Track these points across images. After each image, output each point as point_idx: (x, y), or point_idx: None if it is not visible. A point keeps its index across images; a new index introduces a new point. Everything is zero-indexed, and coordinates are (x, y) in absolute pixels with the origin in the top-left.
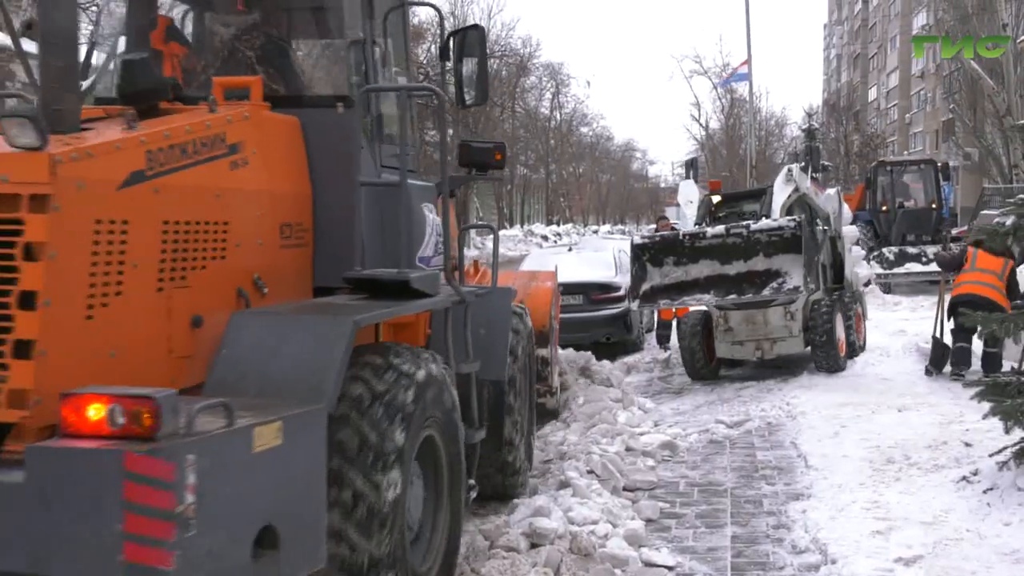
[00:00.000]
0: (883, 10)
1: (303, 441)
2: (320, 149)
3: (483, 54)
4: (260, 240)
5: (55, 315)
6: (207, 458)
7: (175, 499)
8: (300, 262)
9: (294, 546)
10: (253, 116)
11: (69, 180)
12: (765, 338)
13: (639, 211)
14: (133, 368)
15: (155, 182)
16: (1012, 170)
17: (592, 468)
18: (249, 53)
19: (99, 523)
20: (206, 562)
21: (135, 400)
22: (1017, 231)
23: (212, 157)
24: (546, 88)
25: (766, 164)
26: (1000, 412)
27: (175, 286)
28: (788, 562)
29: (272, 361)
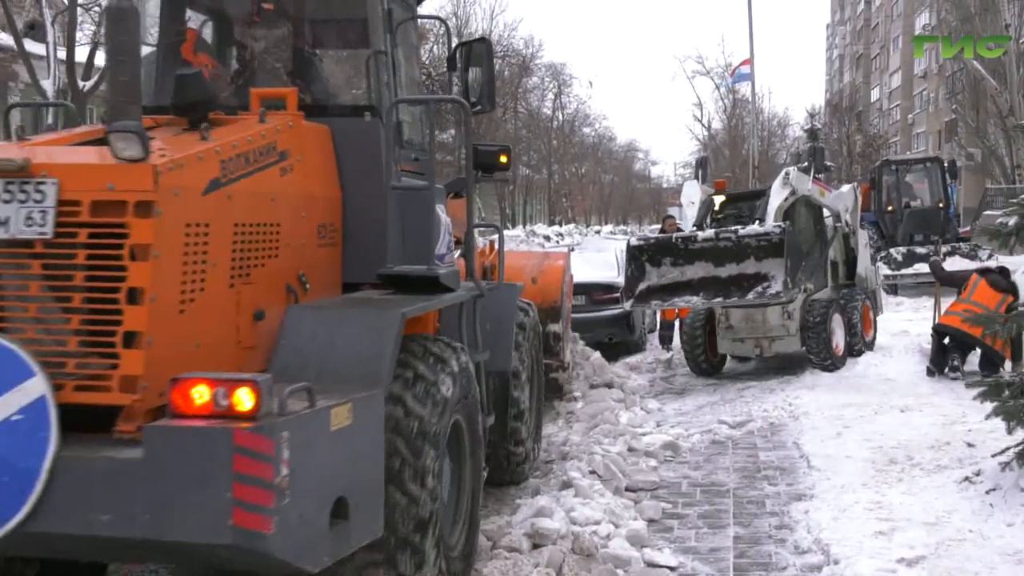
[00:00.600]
0: (885, 10)
1: (368, 421)
2: (348, 155)
3: (490, 65)
4: (303, 240)
5: (158, 309)
6: (297, 435)
7: (274, 471)
8: (333, 260)
9: (361, 516)
10: (296, 125)
11: (168, 188)
12: (764, 336)
13: (641, 212)
14: (212, 357)
15: (228, 189)
16: (1015, 170)
17: (594, 468)
18: (278, 65)
19: (212, 491)
20: (296, 528)
21: (238, 383)
22: (1020, 231)
23: (267, 164)
24: (548, 88)
25: (768, 164)
26: (1003, 412)
27: (242, 283)
28: (790, 563)
29: (329, 350)
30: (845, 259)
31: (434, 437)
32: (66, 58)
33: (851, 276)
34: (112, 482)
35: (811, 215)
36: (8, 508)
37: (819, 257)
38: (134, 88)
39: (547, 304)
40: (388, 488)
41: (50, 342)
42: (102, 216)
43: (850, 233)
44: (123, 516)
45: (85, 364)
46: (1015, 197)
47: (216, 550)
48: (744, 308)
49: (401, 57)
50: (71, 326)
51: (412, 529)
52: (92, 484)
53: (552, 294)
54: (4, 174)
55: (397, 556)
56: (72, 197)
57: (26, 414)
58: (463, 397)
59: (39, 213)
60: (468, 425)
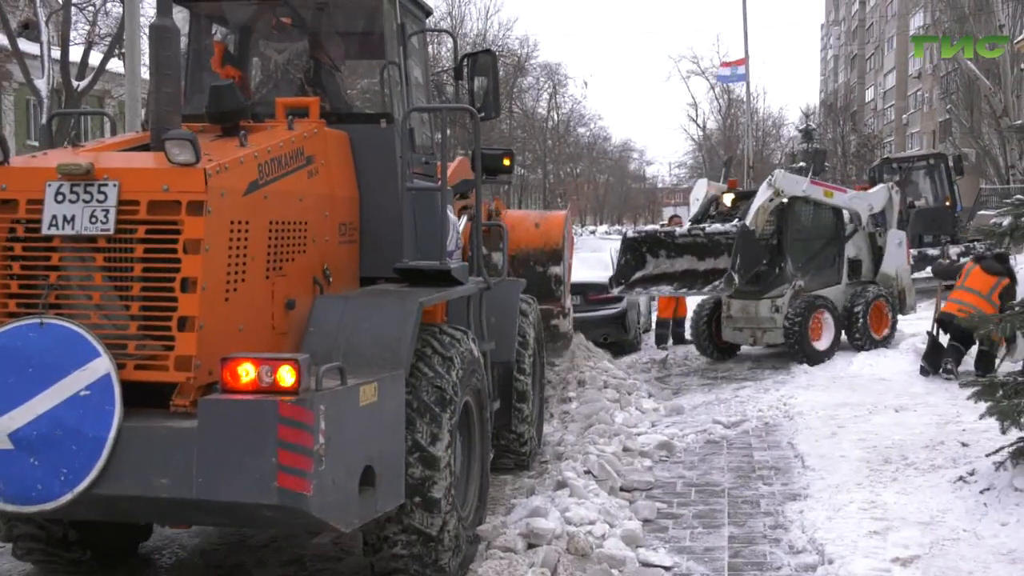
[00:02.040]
0: (880, 11)
1: (391, 398)
2: (365, 159)
3: (495, 75)
4: (327, 237)
5: (208, 296)
6: (332, 408)
7: (313, 439)
8: (352, 255)
9: (386, 484)
10: (320, 131)
11: (216, 189)
12: (757, 327)
13: (636, 211)
14: (252, 341)
15: (264, 190)
16: (1009, 170)
17: (589, 468)
18: (299, 75)
19: (260, 456)
20: (330, 491)
21: (281, 362)
22: (1014, 232)
23: (297, 167)
24: (543, 88)
25: (763, 164)
26: (997, 412)
27: (276, 275)
28: (785, 562)
29: (354, 335)
30: (873, 258)
31: (451, 404)
32: (60, 57)
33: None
34: (170, 449)
35: (823, 215)
36: (78, 473)
37: (830, 255)
38: (175, 99)
39: (549, 247)
40: (411, 453)
41: (112, 327)
42: (158, 214)
43: (877, 233)
44: (180, 479)
45: (144, 346)
46: (1009, 197)
47: (262, 510)
48: (749, 299)
49: (413, 67)
50: (131, 312)
51: (430, 488)
52: (152, 451)
53: (554, 238)
54: (71, 177)
55: (416, 512)
56: (131, 197)
57: (92, 390)
58: (472, 379)
59: (102, 212)
60: (477, 407)
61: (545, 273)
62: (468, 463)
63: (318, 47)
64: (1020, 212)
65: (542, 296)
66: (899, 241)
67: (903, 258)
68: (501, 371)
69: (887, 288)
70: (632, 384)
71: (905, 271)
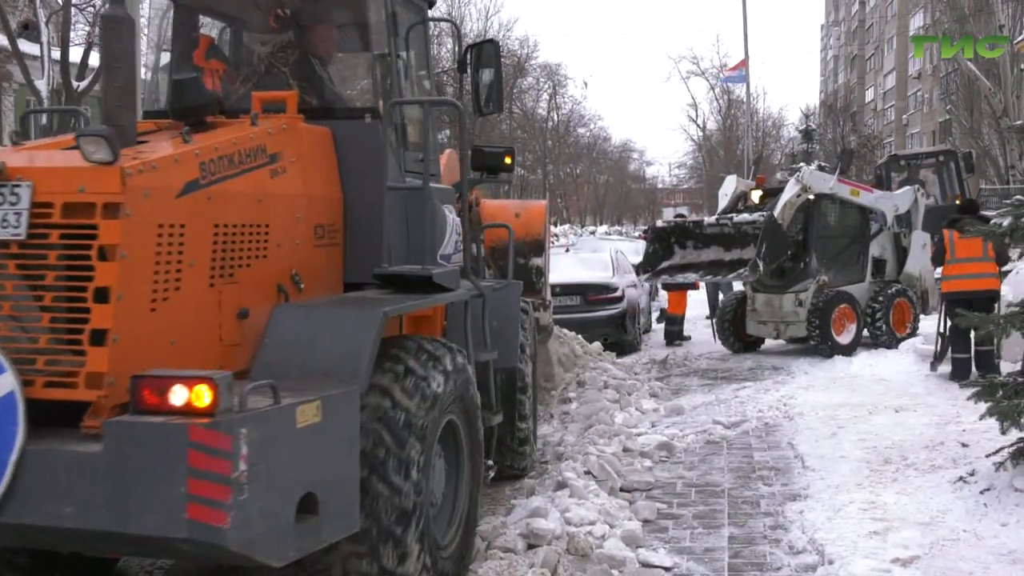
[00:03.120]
0: (880, 11)
1: (339, 418)
2: (350, 156)
3: (498, 66)
4: (297, 240)
5: (126, 307)
6: (257, 431)
7: (231, 466)
8: (332, 260)
9: (332, 511)
10: (290, 128)
11: (137, 190)
12: (781, 320)
13: (636, 212)
14: (190, 354)
15: (208, 190)
16: (1009, 171)
17: (589, 469)
18: (284, 69)
19: (167, 486)
20: (256, 522)
21: (196, 381)
22: (1014, 232)
23: (255, 166)
24: (543, 89)
25: (763, 165)
26: (997, 413)
27: (224, 282)
28: (785, 563)
29: (311, 348)
30: (897, 258)
31: (421, 430)
32: (60, 58)
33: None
34: (74, 475)
35: (849, 213)
36: None
37: (855, 253)
38: (129, 93)
39: (530, 237)
40: (371, 478)
41: (23, 339)
42: (73, 217)
43: (902, 233)
44: (85, 508)
45: (55, 361)
46: (1009, 198)
47: (173, 543)
48: (774, 293)
49: (411, 60)
50: (42, 324)
51: (394, 521)
52: (56, 477)
53: (535, 227)
54: None
55: (379, 547)
56: (45, 199)
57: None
58: (458, 397)
59: (14, 215)
60: (465, 426)
61: (526, 264)
62: (455, 487)
63: (303, 39)
64: (1020, 212)
65: (523, 289)
66: (923, 243)
67: (927, 259)
68: (504, 378)
69: (911, 287)
70: (632, 384)
71: (929, 272)
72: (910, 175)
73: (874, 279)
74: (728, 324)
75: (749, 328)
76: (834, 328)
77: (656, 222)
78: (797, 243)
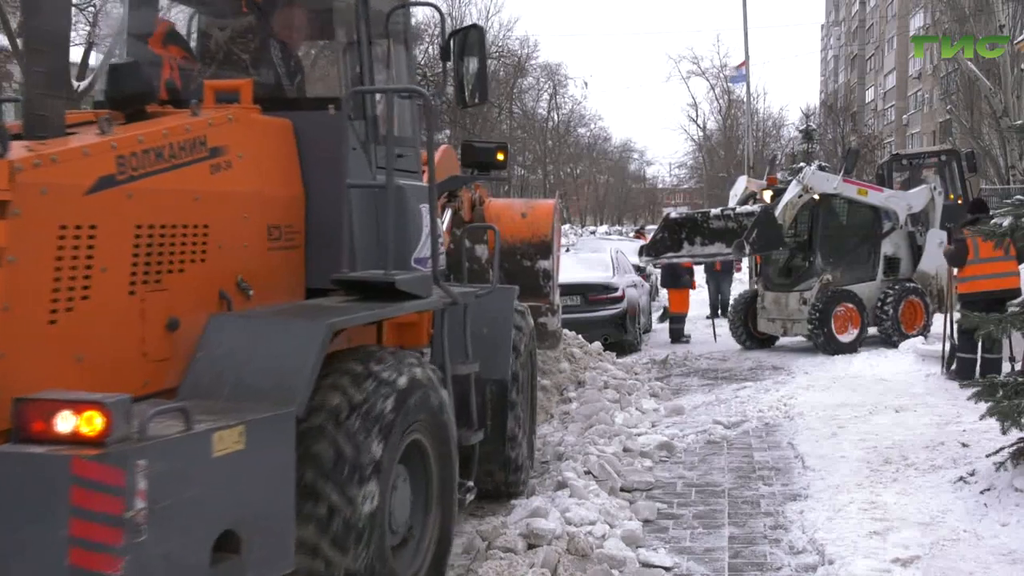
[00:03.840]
0: (880, 11)
1: (268, 445)
2: (313, 151)
3: (483, 54)
4: (245, 242)
5: (14, 320)
6: (160, 463)
7: (124, 504)
8: (291, 264)
9: (258, 550)
10: (240, 119)
11: (30, 186)
12: (788, 318)
13: (637, 212)
14: (103, 372)
15: (128, 187)
16: (1009, 171)
17: (589, 469)
18: (244, 56)
19: (46, 527)
20: (159, 567)
21: (85, 405)
22: (1015, 232)
23: (191, 160)
24: (544, 89)
25: (763, 165)
26: (997, 413)
27: (149, 289)
28: (785, 563)
29: (246, 364)
30: (912, 256)
31: (370, 456)
32: None
33: None
34: None
35: (859, 212)
36: None
37: (865, 252)
38: (56, 80)
39: (536, 239)
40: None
41: None
42: None
43: (917, 232)
44: None
45: None
46: (1009, 198)
47: None
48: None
49: (388, 50)
50: None
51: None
52: None
53: (542, 228)
54: None
55: None
56: None
57: None
58: (426, 414)
59: None
60: (435, 446)
61: (532, 267)
62: (424, 511)
63: (266, 23)
64: (1020, 212)
65: (529, 292)
66: (939, 241)
67: (943, 258)
68: (494, 390)
69: (925, 286)
70: (632, 384)
71: (944, 270)
72: (912, 175)
73: (887, 277)
74: (740, 321)
75: (760, 325)
76: (835, 326)
77: (669, 212)
78: (803, 242)
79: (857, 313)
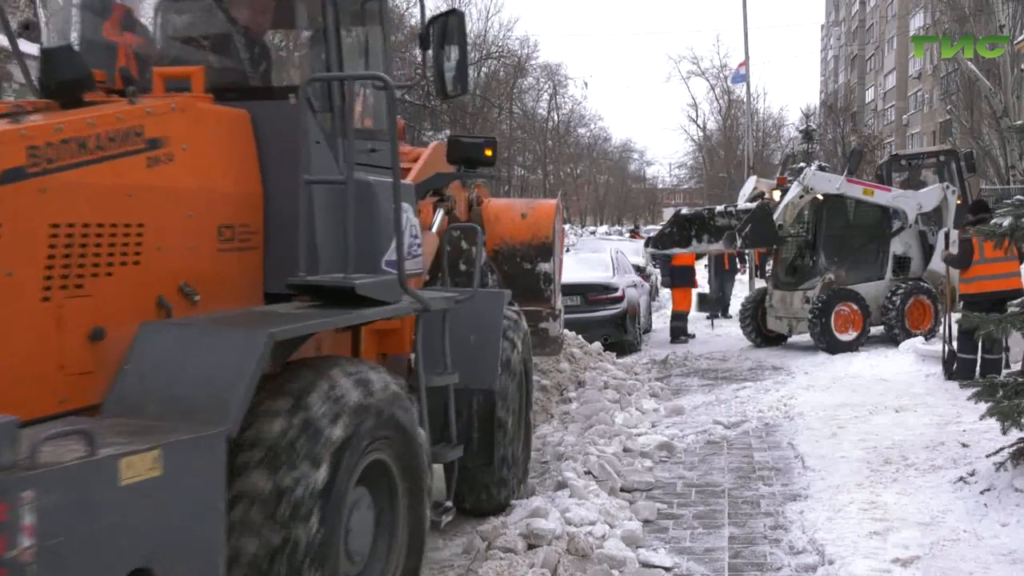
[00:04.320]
0: (880, 11)
1: (191, 471)
2: (274, 145)
3: (463, 42)
4: (190, 243)
5: None
6: (53, 494)
7: (6, 542)
8: (247, 267)
9: None
10: (186, 109)
11: None
12: (793, 316)
13: (637, 212)
14: (11, 387)
15: (41, 180)
16: (1009, 171)
17: (589, 469)
18: (204, 42)
19: None
20: None
21: None
22: (1015, 232)
23: (123, 153)
24: (544, 89)
25: (763, 165)
26: (997, 413)
27: (67, 295)
28: (785, 563)
29: (176, 377)
30: (924, 255)
31: (313, 505)
32: None
33: None
34: None
35: (866, 212)
36: None
37: (872, 251)
38: None
39: (537, 241)
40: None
41: None
42: None
43: (929, 231)
44: None
45: None
46: (1009, 198)
47: None
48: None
49: (365, 38)
50: None
51: None
52: None
53: (543, 229)
54: None
55: None
56: None
57: None
58: (383, 431)
59: None
60: (402, 466)
61: (533, 270)
62: (389, 534)
63: (227, 7)
64: (1020, 212)
65: (530, 296)
66: (952, 240)
67: None
68: (481, 402)
69: (936, 285)
70: (632, 384)
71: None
72: (911, 175)
73: (896, 276)
74: (750, 319)
75: (769, 324)
76: (835, 325)
77: (680, 209)
78: (808, 242)
79: (859, 312)
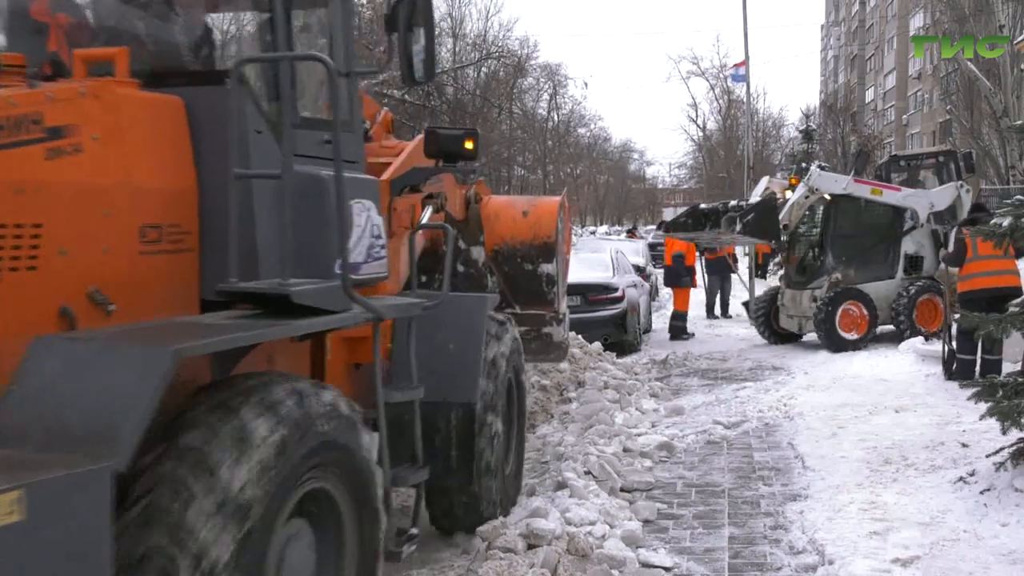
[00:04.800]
0: (880, 11)
1: (65, 514)
2: (212, 135)
3: (430, 25)
4: (104, 246)
5: None
6: None
7: None
8: (177, 271)
9: None
10: (100, 94)
11: None
12: (802, 315)
13: (637, 212)
14: None
15: None
16: (1009, 171)
17: (589, 469)
18: (139, 23)
19: None
20: None
21: None
22: (1014, 232)
23: (14, 143)
24: (544, 89)
25: (763, 165)
26: (997, 413)
27: None
28: (785, 563)
29: (66, 402)
30: (936, 254)
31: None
32: None
33: None
34: None
35: (875, 211)
36: None
37: (883, 250)
38: None
39: (539, 240)
40: None
41: None
42: None
43: (942, 230)
44: None
45: None
46: (1009, 198)
47: None
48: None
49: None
50: None
51: None
52: None
53: (545, 228)
54: None
55: None
56: None
57: None
58: (329, 456)
59: None
60: (349, 492)
61: (535, 271)
62: (336, 569)
63: None
64: (1020, 212)
65: (532, 299)
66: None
67: None
68: (460, 416)
69: (949, 284)
70: (632, 384)
71: None
72: (910, 175)
73: (908, 275)
74: (763, 317)
75: (782, 322)
76: (841, 324)
77: (700, 205)
78: (816, 241)
79: (865, 311)
